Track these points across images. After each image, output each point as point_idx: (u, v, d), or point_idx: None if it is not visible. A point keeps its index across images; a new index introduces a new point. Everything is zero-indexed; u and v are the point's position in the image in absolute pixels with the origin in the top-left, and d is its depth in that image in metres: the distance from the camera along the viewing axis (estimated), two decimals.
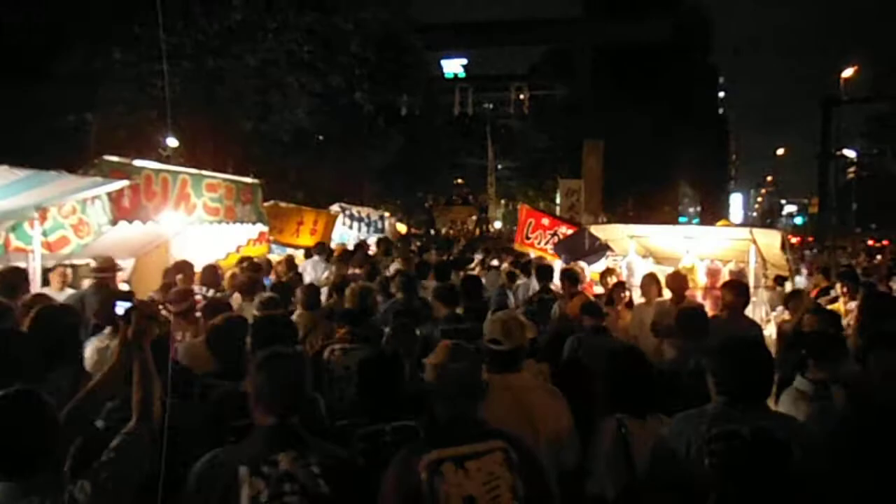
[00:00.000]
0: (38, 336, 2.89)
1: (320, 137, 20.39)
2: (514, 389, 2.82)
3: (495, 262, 11.63)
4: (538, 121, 32.70)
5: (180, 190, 7.27)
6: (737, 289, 5.24)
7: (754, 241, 6.95)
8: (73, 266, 7.28)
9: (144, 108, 12.49)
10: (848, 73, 39.86)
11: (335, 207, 14.66)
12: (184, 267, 6.42)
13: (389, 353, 3.16)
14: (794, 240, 20.46)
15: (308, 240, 12.07)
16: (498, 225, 28.64)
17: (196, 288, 5.86)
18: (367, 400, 2.88)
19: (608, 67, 24.65)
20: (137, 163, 6.45)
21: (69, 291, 6.48)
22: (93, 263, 5.82)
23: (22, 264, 5.74)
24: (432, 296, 5.26)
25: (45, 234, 5.94)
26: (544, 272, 7.28)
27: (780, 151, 71.29)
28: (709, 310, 6.03)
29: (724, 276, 6.95)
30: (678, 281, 6.23)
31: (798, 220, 70.78)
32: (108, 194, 6.05)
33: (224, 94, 14.35)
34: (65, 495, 1.87)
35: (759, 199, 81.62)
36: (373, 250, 11.01)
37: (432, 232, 22.30)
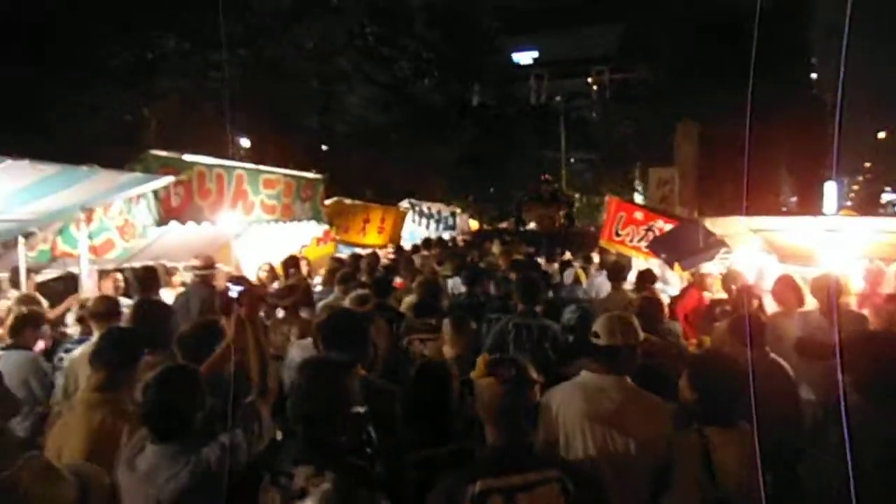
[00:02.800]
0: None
1: (389, 131, 19.89)
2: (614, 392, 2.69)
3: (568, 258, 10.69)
4: (619, 106, 31.06)
5: (236, 187, 6.84)
6: None
7: None
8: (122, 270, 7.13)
9: (203, 100, 12.21)
10: None
11: (405, 204, 14.18)
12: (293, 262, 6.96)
13: (439, 368, 2.86)
14: None
15: (376, 238, 11.69)
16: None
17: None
18: (419, 423, 2.60)
19: (695, 45, 22.79)
20: (188, 157, 5.99)
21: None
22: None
23: (75, 269, 5.47)
24: (514, 288, 5.06)
25: (90, 236, 5.56)
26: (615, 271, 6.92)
27: (882, 135, 65.06)
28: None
29: (891, 281, 5.73)
30: (829, 286, 5.13)
31: None
32: (155, 193, 5.60)
33: (285, 86, 13.97)
34: (201, 456, 2.17)
35: (855, 187, 75.21)
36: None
37: (521, 228, 21.28)
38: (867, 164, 70.10)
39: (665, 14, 26.05)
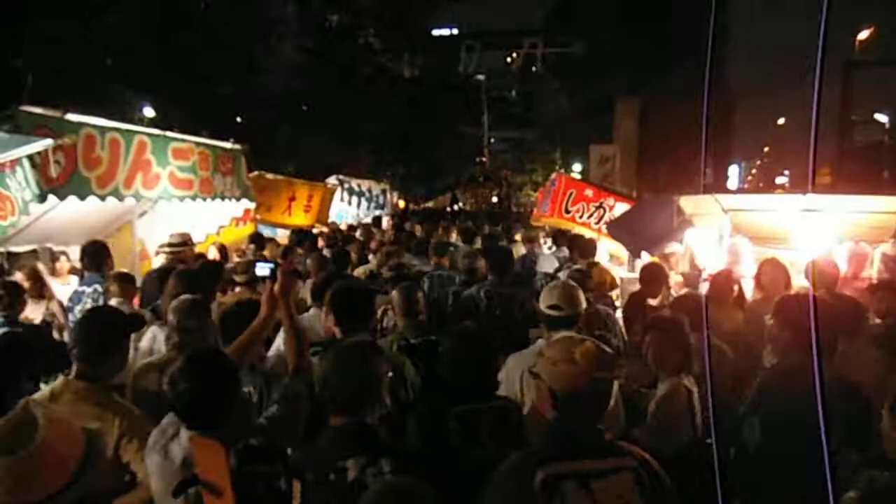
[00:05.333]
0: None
1: (312, 100, 18.52)
2: None
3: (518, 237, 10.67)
4: (554, 81, 30.92)
5: (137, 155, 5.81)
6: None
7: None
8: (8, 254, 6.40)
9: (93, 51, 10.46)
10: (863, 35, 37.81)
11: (332, 180, 13.26)
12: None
13: (484, 327, 3.17)
14: None
15: (302, 218, 10.91)
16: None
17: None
18: (464, 375, 2.68)
19: (632, 17, 22.76)
20: (73, 117, 4.92)
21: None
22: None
23: None
24: (484, 261, 5.40)
25: None
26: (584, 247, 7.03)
27: (781, 121, 68.45)
28: None
29: (875, 265, 5.46)
30: (822, 271, 4.80)
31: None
32: (31, 159, 4.53)
33: (197, 39, 12.45)
34: (241, 444, 1.97)
35: (753, 172, 79.42)
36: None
37: (456, 208, 20.95)
38: (766, 149, 74.12)
39: None
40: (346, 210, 13.69)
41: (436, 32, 46.53)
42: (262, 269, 2.83)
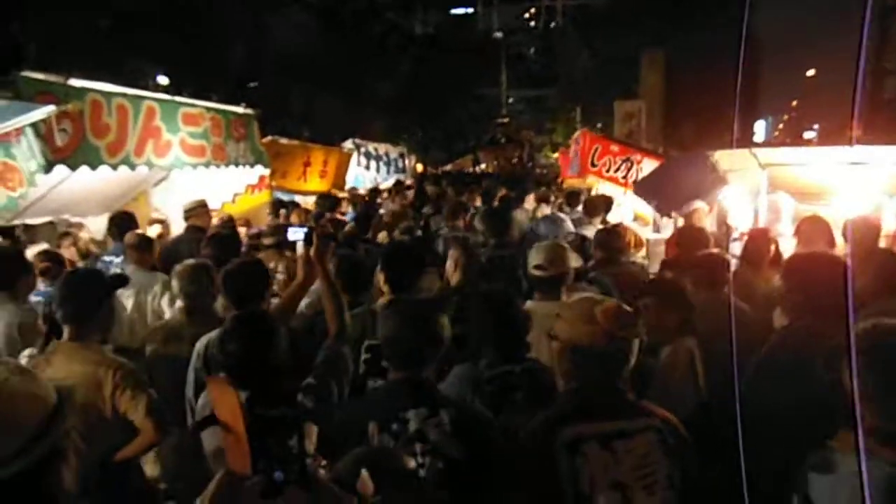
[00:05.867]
0: None
1: (324, 62, 18.10)
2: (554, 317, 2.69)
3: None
4: (574, 36, 30.04)
5: (146, 122, 5.66)
6: None
7: None
8: (25, 226, 6.18)
9: (97, 16, 10.15)
10: None
11: (348, 144, 13.02)
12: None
13: (504, 293, 2.99)
14: None
15: (318, 184, 10.76)
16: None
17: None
18: (496, 337, 2.64)
19: None
20: (76, 83, 4.75)
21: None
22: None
23: None
24: (480, 223, 5.45)
25: None
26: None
27: (811, 73, 65.88)
28: None
29: None
30: (866, 227, 4.52)
31: None
32: (35, 128, 4.38)
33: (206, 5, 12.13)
34: (296, 406, 2.12)
35: (781, 126, 77.16)
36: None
37: (477, 170, 20.69)
38: (794, 103, 71.44)
39: None
40: (364, 175, 13.47)
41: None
42: (296, 234, 2.91)
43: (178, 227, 6.53)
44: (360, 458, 1.71)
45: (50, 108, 4.16)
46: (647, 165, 9.00)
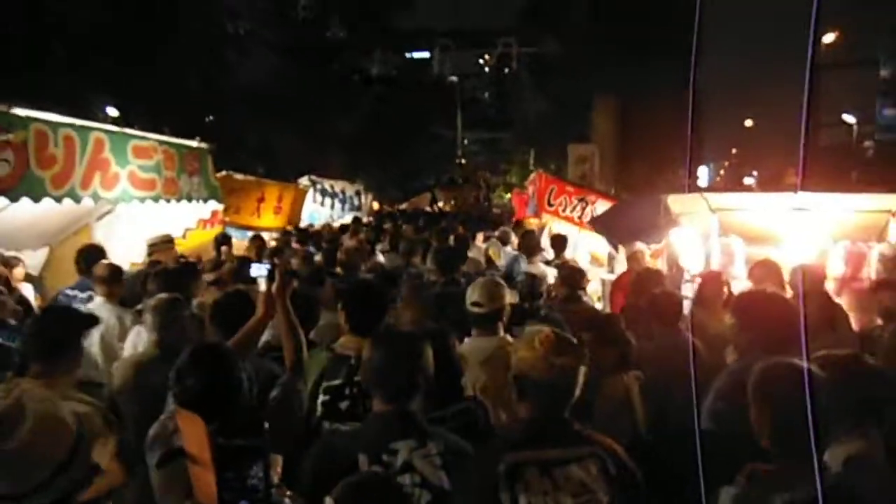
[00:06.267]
0: None
1: (283, 98, 17.99)
2: (491, 350, 2.93)
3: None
4: (531, 81, 30.85)
5: (94, 154, 5.49)
6: None
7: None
8: None
9: (46, 40, 9.73)
10: (829, 38, 38.54)
11: (304, 181, 12.93)
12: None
13: (439, 333, 2.87)
14: None
15: (272, 220, 10.67)
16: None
17: None
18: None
19: (607, 14, 22.53)
20: (20, 111, 4.58)
21: None
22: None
23: None
24: (431, 260, 5.54)
25: None
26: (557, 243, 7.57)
27: (748, 123, 69.51)
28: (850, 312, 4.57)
29: (872, 265, 5.35)
30: (811, 273, 4.70)
31: None
32: None
33: (161, 34, 11.93)
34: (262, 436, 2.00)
35: (722, 172, 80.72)
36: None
37: (435, 208, 20.84)
38: (733, 150, 75.08)
39: None
40: (319, 211, 13.39)
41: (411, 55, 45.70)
42: (259, 270, 2.91)
43: (120, 262, 6.35)
44: (354, 484, 1.73)
45: None
46: (601, 206, 9.25)
